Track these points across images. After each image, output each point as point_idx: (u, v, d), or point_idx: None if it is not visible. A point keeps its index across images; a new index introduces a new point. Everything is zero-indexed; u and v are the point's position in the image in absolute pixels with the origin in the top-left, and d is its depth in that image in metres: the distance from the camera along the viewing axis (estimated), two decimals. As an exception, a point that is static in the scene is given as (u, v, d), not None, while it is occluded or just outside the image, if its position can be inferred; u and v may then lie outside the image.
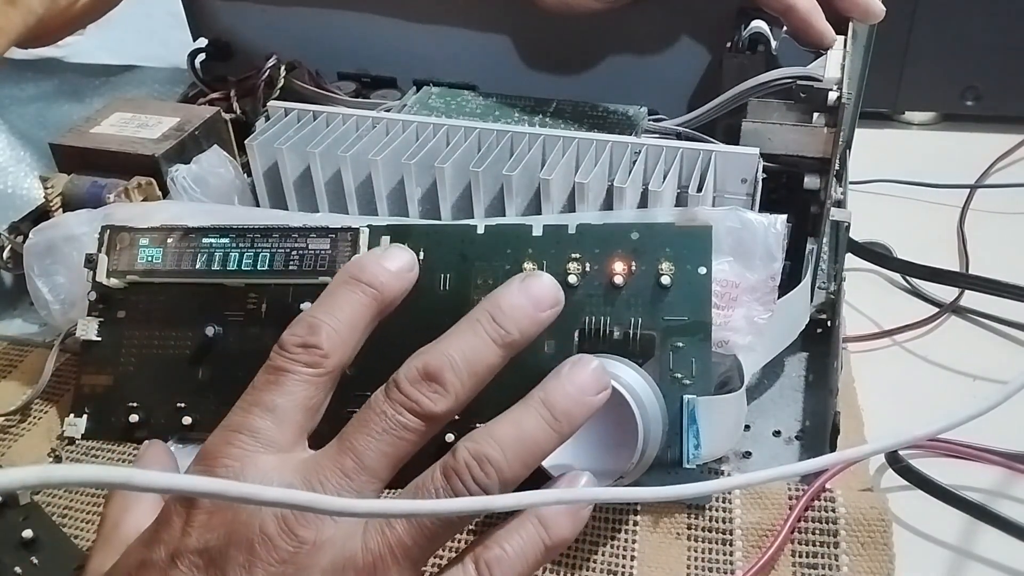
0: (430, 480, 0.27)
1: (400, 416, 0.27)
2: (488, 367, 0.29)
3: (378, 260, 0.31)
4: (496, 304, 0.29)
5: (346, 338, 0.29)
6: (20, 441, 0.39)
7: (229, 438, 0.28)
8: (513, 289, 0.30)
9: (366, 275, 0.30)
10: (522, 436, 0.28)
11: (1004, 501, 0.36)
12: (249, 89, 0.49)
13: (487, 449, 0.27)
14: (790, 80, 0.40)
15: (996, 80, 0.60)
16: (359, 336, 0.30)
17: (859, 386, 0.40)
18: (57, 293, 0.41)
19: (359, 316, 0.30)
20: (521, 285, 0.30)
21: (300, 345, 0.29)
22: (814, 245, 0.39)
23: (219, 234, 0.38)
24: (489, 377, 0.29)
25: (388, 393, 0.28)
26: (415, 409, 0.27)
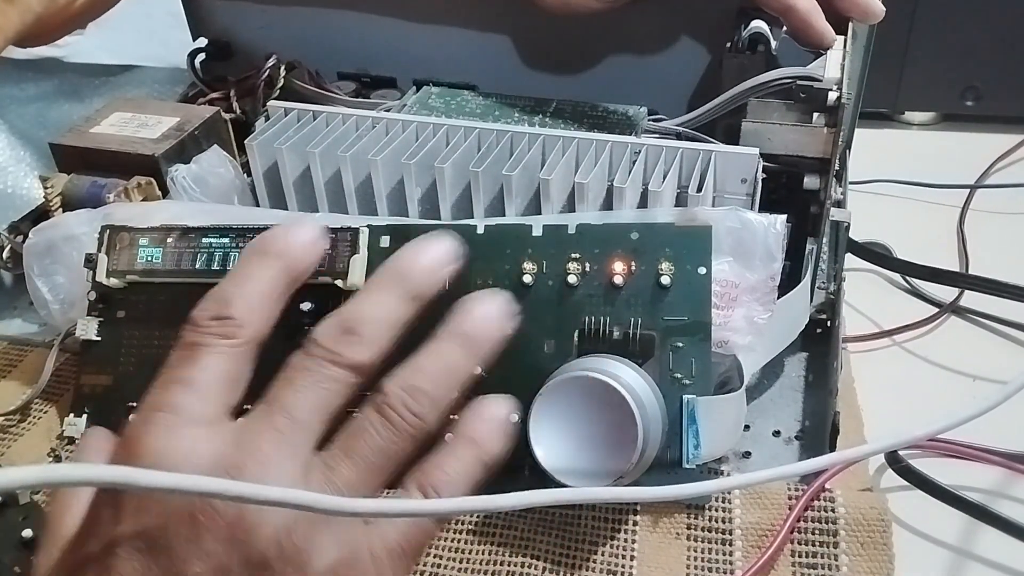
0: (366, 421, 0.27)
1: (324, 369, 0.27)
2: (400, 319, 0.29)
3: (285, 232, 0.31)
4: (397, 261, 0.30)
5: (259, 308, 0.29)
6: (20, 441, 0.39)
7: (149, 418, 0.27)
8: (413, 246, 0.31)
9: (273, 247, 0.30)
10: (444, 362, 0.29)
11: (1004, 501, 0.36)
12: (249, 89, 0.49)
13: (413, 380, 0.28)
14: (790, 80, 0.40)
15: (996, 80, 0.60)
16: (272, 306, 0.30)
17: (859, 386, 0.40)
18: (57, 293, 0.41)
19: (270, 287, 0.30)
20: (422, 241, 0.31)
21: (213, 318, 0.28)
22: (814, 245, 0.39)
23: (219, 234, 0.38)
24: (402, 328, 0.29)
25: (307, 351, 0.28)
26: (337, 360, 0.28)
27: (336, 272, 0.36)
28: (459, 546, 0.33)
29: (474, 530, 0.33)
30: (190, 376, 0.28)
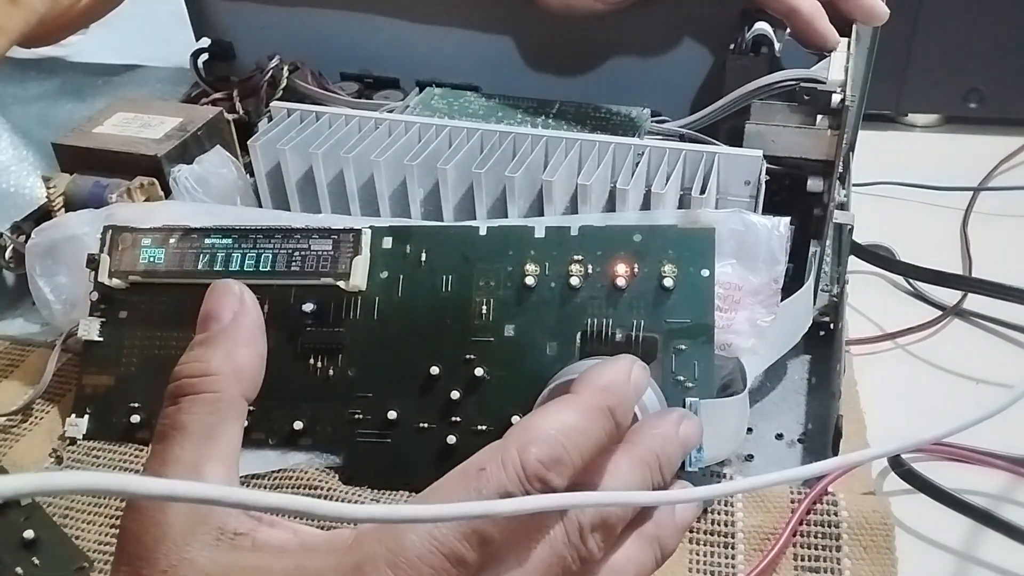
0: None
1: (573, 564, 0.25)
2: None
3: (637, 389, 0.28)
4: (665, 450, 0.28)
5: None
6: (21, 441, 0.39)
7: (437, 561, 0.23)
8: (675, 437, 0.29)
9: (621, 415, 0.27)
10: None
11: (1008, 506, 0.36)
12: (252, 89, 0.49)
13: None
14: (794, 82, 0.40)
15: (999, 82, 0.60)
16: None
17: (862, 389, 0.40)
18: (59, 293, 0.41)
19: (595, 453, 0.27)
20: (684, 433, 0.29)
21: (541, 480, 0.24)
22: (817, 248, 0.39)
23: (221, 235, 0.38)
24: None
25: (570, 537, 0.25)
26: (585, 558, 0.26)
27: (338, 273, 0.36)
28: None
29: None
30: (492, 536, 0.24)
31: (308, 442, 0.36)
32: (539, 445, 0.24)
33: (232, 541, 0.24)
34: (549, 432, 0.25)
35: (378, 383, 0.36)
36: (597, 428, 0.26)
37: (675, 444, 0.29)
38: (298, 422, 0.36)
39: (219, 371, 0.27)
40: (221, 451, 0.26)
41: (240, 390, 0.27)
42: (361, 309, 0.37)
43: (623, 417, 0.27)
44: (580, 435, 0.25)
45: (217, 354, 0.27)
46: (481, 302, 0.36)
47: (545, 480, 0.24)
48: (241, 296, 0.28)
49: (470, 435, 0.35)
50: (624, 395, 0.27)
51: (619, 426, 0.27)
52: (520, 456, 0.24)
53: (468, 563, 0.23)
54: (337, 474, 0.36)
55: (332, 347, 0.37)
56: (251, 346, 0.28)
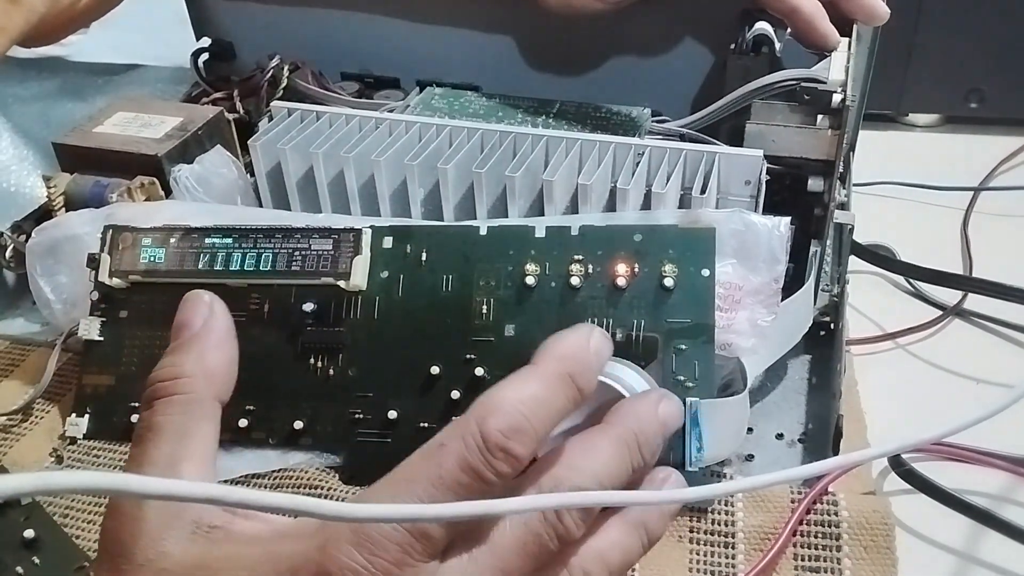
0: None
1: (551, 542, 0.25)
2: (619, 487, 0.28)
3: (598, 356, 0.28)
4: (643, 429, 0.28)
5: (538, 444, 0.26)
6: (22, 441, 0.39)
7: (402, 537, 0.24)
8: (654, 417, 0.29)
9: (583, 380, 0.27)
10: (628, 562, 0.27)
11: (1008, 506, 0.36)
12: (252, 89, 0.49)
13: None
14: (794, 82, 0.40)
15: (1000, 82, 0.60)
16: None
17: (862, 389, 0.40)
18: (59, 292, 0.41)
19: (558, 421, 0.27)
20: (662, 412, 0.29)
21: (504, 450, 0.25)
22: (817, 247, 0.39)
23: (222, 234, 0.38)
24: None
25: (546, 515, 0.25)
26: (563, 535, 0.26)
27: (339, 273, 0.36)
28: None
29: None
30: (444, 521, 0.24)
31: (308, 442, 0.36)
32: (499, 416, 0.25)
33: (207, 534, 0.25)
34: (509, 402, 0.25)
35: (378, 383, 0.36)
36: (558, 396, 0.26)
37: (654, 424, 0.29)
38: (298, 422, 0.36)
39: (191, 374, 0.27)
40: (196, 450, 0.26)
41: (212, 392, 0.27)
42: (361, 309, 0.37)
43: (585, 383, 0.27)
44: (540, 404, 0.26)
45: (188, 358, 0.28)
46: (481, 302, 0.36)
47: (507, 449, 0.24)
48: (211, 304, 0.29)
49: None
50: (584, 361, 0.27)
51: (582, 392, 0.27)
52: (480, 428, 0.24)
53: (433, 538, 0.24)
54: (337, 474, 0.36)
55: (332, 347, 0.37)
56: (221, 349, 0.28)
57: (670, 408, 0.29)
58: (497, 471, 0.24)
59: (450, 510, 0.22)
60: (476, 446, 0.24)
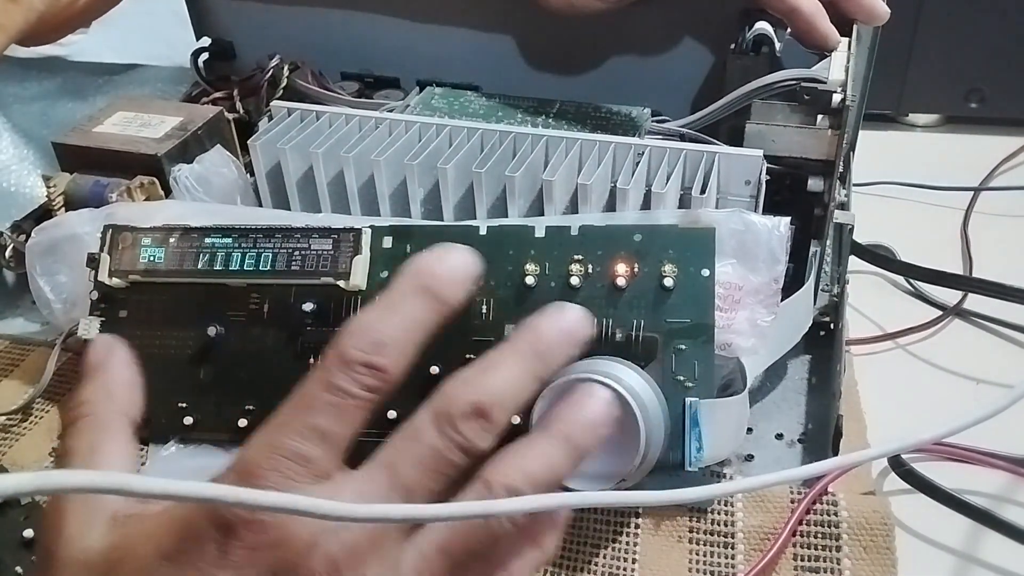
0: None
1: (451, 454, 0.26)
2: (526, 402, 0.29)
3: (452, 269, 0.29)
4: (540, 338, 0.29)
5: (408, 358, 0.27)
6: (22, 440, 0.39)
7: (275, 462, 0.25)
8: (553, 322, 0.29)
9: (439, 287, 0.28)
10: (551, 471, 0.28)
11: (1008, 506, 0.36)
12: (252, 89, 0.49)
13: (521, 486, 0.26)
14: (794, 82, 0.40)
15: (1000, 82, 0.60)
16: (416, 354, 0.28)
17: (862, 389, 0.40)
18: (59, 292, 0.41)
19: (424, 334, 0.28)
20: (559, 317, 0.30)
21: (365, 364, 0.26)
22: (817, 247, 0.39)
23: (221, 234, 0.38)
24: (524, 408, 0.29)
25: (440, 426, 0.26)
26: (466, 447, 0.26)
27: (338, 273, 0.36)
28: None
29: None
30: (328, 428, 0.26)
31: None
32: (355, 335, 0.26)
33: (124, 523, 0.27)
34: (363, 322, 0.27)
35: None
36: (415, 307, 0.28)
37: (553, 332, 0.29)
38: (298, 421, 0.36)
39: (92, 399, 0.30)
40: (105, 461, 0.29)
41: (115, 408, 0.30)
42: (361, 309, 0.37)
43: (444, 290, 0.28)
44: (396, 315, 0.27)
45: (89, 387, 0.31)
46: (481, 302, 0.35)
47: (369, 363, 0.26)
48: (109, 343, 0.33)
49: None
50: (436, 272, 0.28)
51: (442, 299, 0.28)
52: (338, 351, 0.26)
53: (313, 459, 0.25)
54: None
55: (332, 346, 0.37)
56: (120, 373, 0.32)
57: (569, 315, 0.30)
58: (364, 385, 0.26)
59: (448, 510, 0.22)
60: (337, 367, 0.26)
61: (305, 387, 0.26)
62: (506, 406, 0.27)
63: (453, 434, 0.26)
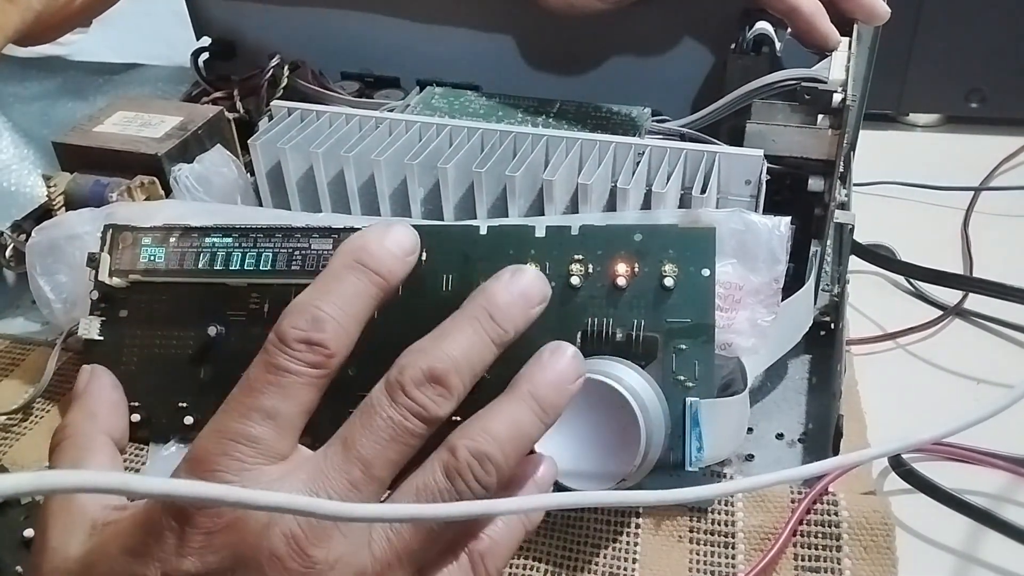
0: (432, 481, 0.27)
1: (407, 422, 0.26)
2: (485, 366, 0.29)
3: (384, 242, 0.29)
4: (493, 302, 0.29)
5: (351, 333, 0.28)
6: (22, 440, 0.39)
7: (225, 447, 0.26)
8: (507, 285, 0.30)
9: (373, 260, 0.29)
10: (518, 431, 0.28)
11: (1009, 506, 0.36)
12: (252, 88, 0.49)
13: (487, 448, 0.27)
14: (794, 82, 0.40)
15: (1001, 82, 0.60)
16: (360, 329, 0.28)
17: (862, 389, 0.40)
18: (59, 292, 0.41)
19: (364, 308, 0.28)
20: (514, 280, 0.30)
21: (304, 341, 0.27)
22: (818, 247, 0.39)
23: (222, 234, 0.38)
24: (483, 374, 0.29)
25: (393, 396, 0.27)
26: (422, 414, 0.27)
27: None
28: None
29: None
30: (274, 407, 0.26)
31: (308, 441, 0.36)
32: (290, 316, 0.27)
33: (102, 531, 0.27)
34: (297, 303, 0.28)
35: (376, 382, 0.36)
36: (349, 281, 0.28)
37: (505, 296, 0.29)
38: (298, 421, 0.36)
39: (72, 421, 0.31)
40: None
41: (97, 428, 0.31)
42: None
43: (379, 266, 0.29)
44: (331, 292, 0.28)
45: (73, 411, 0.32)
46: (481, 301, 0.35)
47: (306, 340, 0.27)
48: (91, 370, 0.35)
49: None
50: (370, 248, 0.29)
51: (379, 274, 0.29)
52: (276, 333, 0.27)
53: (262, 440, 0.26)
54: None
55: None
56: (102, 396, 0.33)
57: (522, 277, 0.30)
58: (305, 361, 0.27)
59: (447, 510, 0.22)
60: (276, 347, 0.27)
61: (249, 372, 0.27)
62: (462, 371, 0.27)
63: (406, 401, 0.27)
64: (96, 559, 0.27)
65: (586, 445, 0.31)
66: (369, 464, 0.26)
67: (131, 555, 0.26)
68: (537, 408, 0.28)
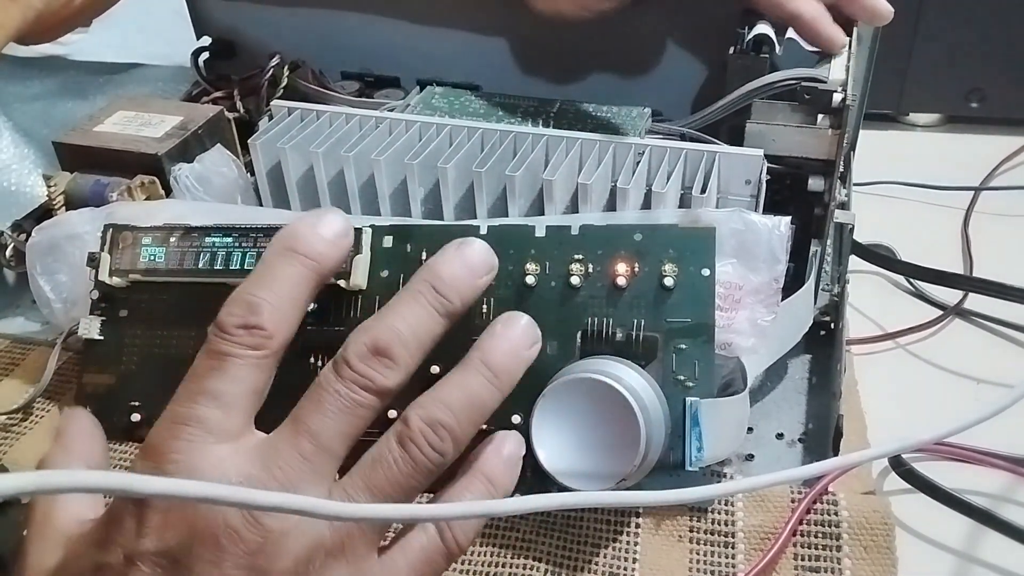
0: (387, 450, 0.27)
1: (354, 394, 0.27)
2: (433, 337, 0.29)
3: (314, 228, 0.30)
4: (436, 275, 0.30)
5: (288, 315, 0.29)
6: (22, 440, 0.39)
7: (175, 431, 0.27)
8: (451, 258, 0.30)
9: (302, 246, 0.30)
10: (469, 398, 0.28)
11: (1008, 506, 0.36)
12: (252, 88, 0.49)
13: (438, 414, 0.27)
14: (795, 81, 0.40)
15: (1001, 82, 0.60)
16: (300, 311, 0.29)
17: (862, 389, 0.40)
18: (59, 291, 0.41)
19: (299, 290, 0.29)
20: (457, 253, 0.30)
21: (241, 326, 0.28)
22: (818, 247, 0.39)
23: (222, 233, 0.38)
24: (432, 346, 0.29)
25: (339, 371, 0.28)
26: (368, 385, 0.27)
27: (339, 272, 0.36)
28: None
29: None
30: (217, 389, 0.27)
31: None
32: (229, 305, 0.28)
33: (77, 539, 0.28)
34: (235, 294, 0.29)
35: None
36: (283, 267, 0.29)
37: (450, 264, 0.30)
38: (298, 421, 0.36)
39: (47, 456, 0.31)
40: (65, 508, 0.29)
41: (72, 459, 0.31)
42: (362, 308, 0.37)
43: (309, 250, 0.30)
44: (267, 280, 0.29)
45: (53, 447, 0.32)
46: (482, 301, 0.35)
47: (245, 324, 0.27)
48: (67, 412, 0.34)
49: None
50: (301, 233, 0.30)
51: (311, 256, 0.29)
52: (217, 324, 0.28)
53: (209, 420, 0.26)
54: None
55: (333, 346, 0.36)
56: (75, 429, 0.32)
57: (467, 248, 0.31)
58: (245, 344, 0.27)
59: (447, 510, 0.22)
60: (216, 336, 0.28)
61: (194, 364, 0.28)
62: (407, 342, 0.28)
63: (351, 374, 0.27)
64: (68, 561, 0.27)
65: (586, 445, 0.31)
66: (317, 435, 0.27)
67: (96, 546, 0.27)
68: (489, 374, 0.29)
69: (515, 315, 0.31)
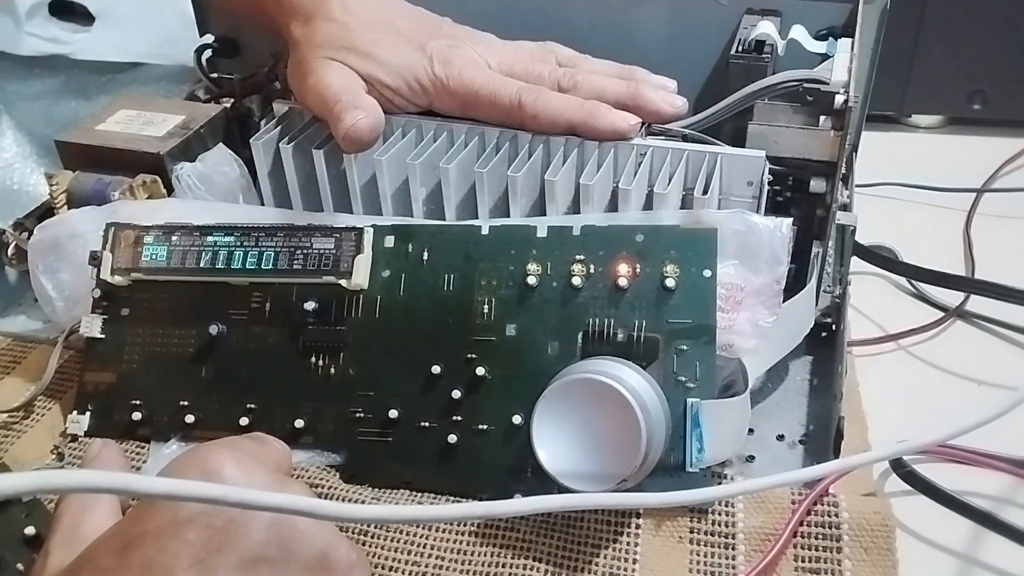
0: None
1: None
2: None
3: None
4: None
5: None
6: (23, 438, 0.39)
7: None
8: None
9: None
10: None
11: (1009, 508, 0.36)
12: (255, 87, 0.49)
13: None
14: (797, 83, 0.40)
15: (1003, 84, 0.60)
16: None
17: (863, 390, 0.40)
18: (61, 290, 0.41)
19: None
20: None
21: None
22: (820, 248, 0.39)
23: (223, 232, 0.38)
24: None
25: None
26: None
27: (340, 272, 0.36)
28: (461, 547, 0.33)
29: (476, 532, 0.33)
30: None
31: (309, 440, 0.36)
32: None
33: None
34: None
35: (379, 382, 0.36)
36: None
37: None
38: (299, 420, 0.36)
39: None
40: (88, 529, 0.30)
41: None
42: (363, 308, 0.37)
43: None
44: None
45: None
46: (483, 301, 0.36)
47: None
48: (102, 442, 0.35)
49: (471, 434, 0.35)
50: None
51: None
52: None
53: None
54: (338, 473, 0.36)
55: (334, 346, 0.37)
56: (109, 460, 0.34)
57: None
58: None
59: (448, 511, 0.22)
60: None
61: None
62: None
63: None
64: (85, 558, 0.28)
65: (587, 445, 0.31)
66: None
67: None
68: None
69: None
